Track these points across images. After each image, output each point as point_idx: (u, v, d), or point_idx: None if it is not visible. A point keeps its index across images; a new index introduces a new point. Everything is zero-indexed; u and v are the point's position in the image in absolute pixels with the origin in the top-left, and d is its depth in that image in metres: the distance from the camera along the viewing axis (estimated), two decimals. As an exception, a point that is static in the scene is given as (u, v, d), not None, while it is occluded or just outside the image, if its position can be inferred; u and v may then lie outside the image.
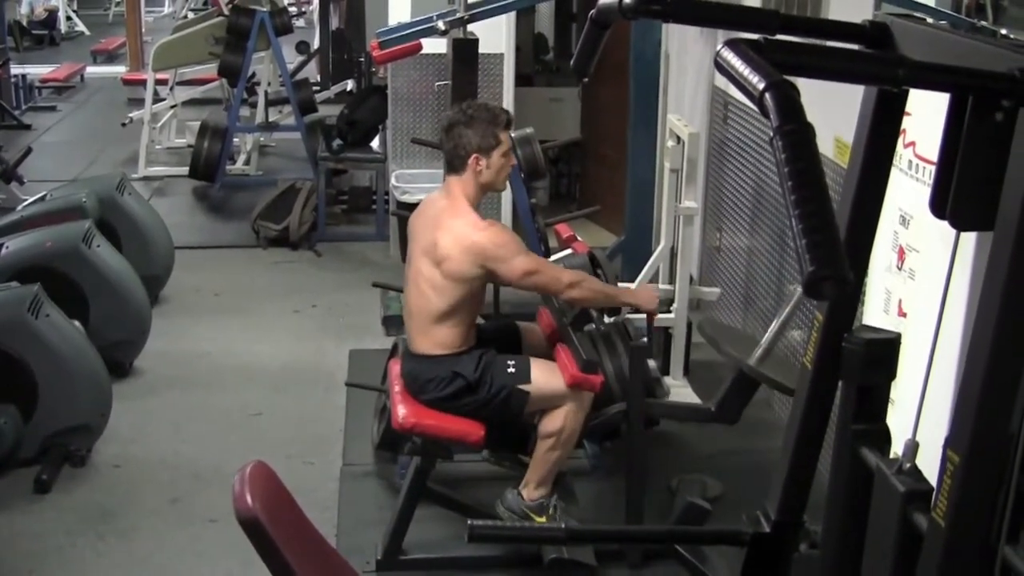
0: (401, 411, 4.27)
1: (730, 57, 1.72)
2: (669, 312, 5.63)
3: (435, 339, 4.28)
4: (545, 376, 4.24)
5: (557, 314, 4.57)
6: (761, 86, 1.65)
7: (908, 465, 2.32)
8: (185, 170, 9.56)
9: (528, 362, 4.29)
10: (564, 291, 4.25)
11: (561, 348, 4.37)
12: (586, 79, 8.75)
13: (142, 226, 6.88)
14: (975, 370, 1.98)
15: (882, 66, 1.87)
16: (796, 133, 1.63)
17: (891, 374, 2.47)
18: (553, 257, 5.24)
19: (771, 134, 1.63)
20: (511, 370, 4.25)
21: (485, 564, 4.42)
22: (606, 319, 4.68)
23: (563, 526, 3.53)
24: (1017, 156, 1.89)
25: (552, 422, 4.24)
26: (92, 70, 15.88)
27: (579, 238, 5.52)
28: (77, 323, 5.34)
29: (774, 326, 4.39)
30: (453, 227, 4.19)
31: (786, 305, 4.32)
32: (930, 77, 1.93)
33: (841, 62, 1.86)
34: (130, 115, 10.92)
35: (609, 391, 4.41)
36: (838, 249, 1.58)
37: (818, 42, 2.00)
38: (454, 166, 4.25)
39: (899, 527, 2.26)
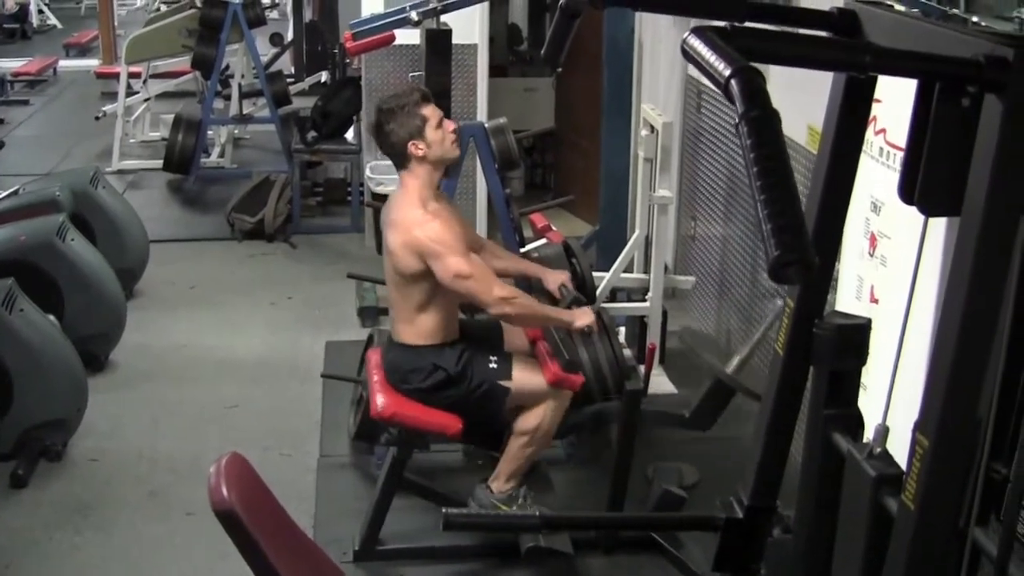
0: (380, 400, 4.27)
1: (697, 44, 1.73)
2: (644, 301, 5.65)
3: (416, 329, 4.27)
4: (526, 373, 4.26)
5: None
6: (727, 73, 1.66)
7: (878, 450, 2.34)
8: (159, 163, 9.51)
9: (510, 358, 4.30)
10: (494, 305, 4.13)
11: (543, 346, 4.38)
12: (559, 69, 8.74)
13: (116, 220, 6.86)
14: (943, 355, 2.00)
15: (848, 52, 1.88)
16: (761, 119, 1.64)
17: (862, 359, 2.49)
18: (528, 247, 5.24)
19: (736, 120, 1.64)
20: (493, 366, 4.25)
21: (463, 554, 4.43)
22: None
23: (537, 513, 3.54)
24: (982, 142, 1.91)
25: (529, 419, 4.26)
26: (65, 64, 15.77)
27: (554, 228, 5.54)
28: (52, 317, 5.32)
29: (753, 337, 4.43)
30: (399, 222, 4.19)
31: (767, 317, 4.36)
32: (896, 64, 1.94)
33: (807, 49, 1.88)
34: (103, 108, 10.86)
35: (586, 381, 4.43)
36: (803, 233, 1.59)
37: (786, 29, 2.01)
38: (399, 163, 4.25)
39: (870, 511, 2.28)
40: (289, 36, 13.21)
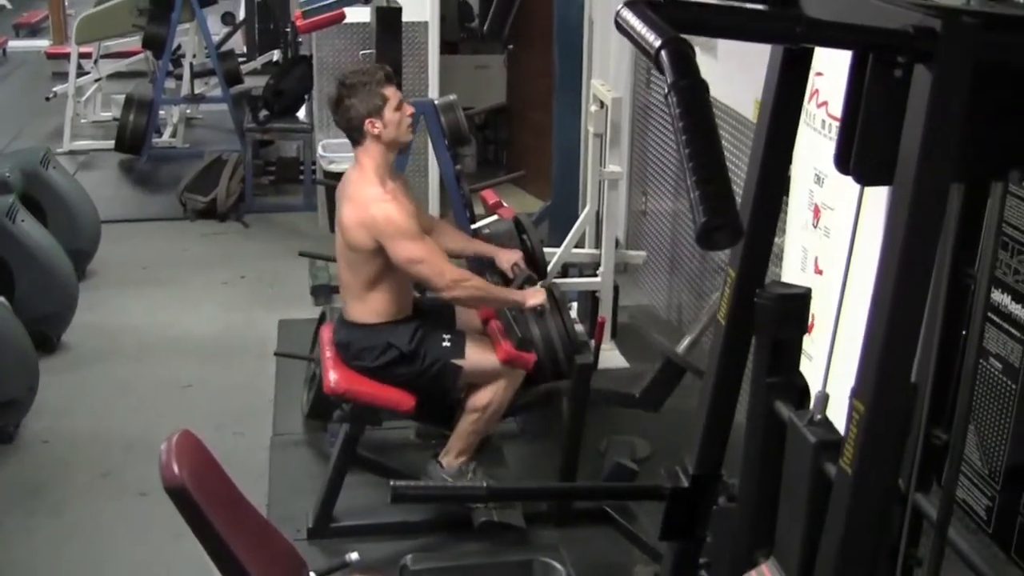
0: (333, 376, 4.28)
1: (629, 17, 1.74)
2: (596, 276, 5.68)
3: (368, 307, 4.29)
4: (479, 352, 4.28)
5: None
6: (657, 43, 1.68)
7: (819, 416, 2.36)
8: (111, 143, 9.44)
9: (463, 336, 4.32)
10: (446, 288, 4.18)
11: (495, 324, 4.41)
12: (510, 45, 8.72)
13: (67, 200, 6.84)
14: (877, 321, 2.03)
15: (779, 23, 1.90)
16: (690, 89, 1.65)
17: (803, 328, 2.52)
18: (479, 223, 5.25)
19: (665, 90, 1.66)
20: (446, 344, 4.28)
21: (416, 529, 4.46)
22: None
23: (485, 484, 3.56)
24: (913, 111, 1.93)
25: (481, 397, 4.29)
26: (14, 44, 15.58)
27: (505, 204, 5.55)
28: (2, 298, 5.29)
29: (703, 318, 4.47)
30: (356, 198, 4.21)
31: (716, 298, 4.38)
32: (828, 34, 1.96)
33: (739, 20, 1.89)
34: (54, 89, 10.74)
35: (536, 354, 4.45)
36: (730, 199, 1.61)
37: (722, 1, 2.03)
38: (354, 138, 4.26)
39: (811, 477, 2.31)
40: (241, 15, 13.08)
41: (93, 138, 10.34)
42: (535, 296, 4.33)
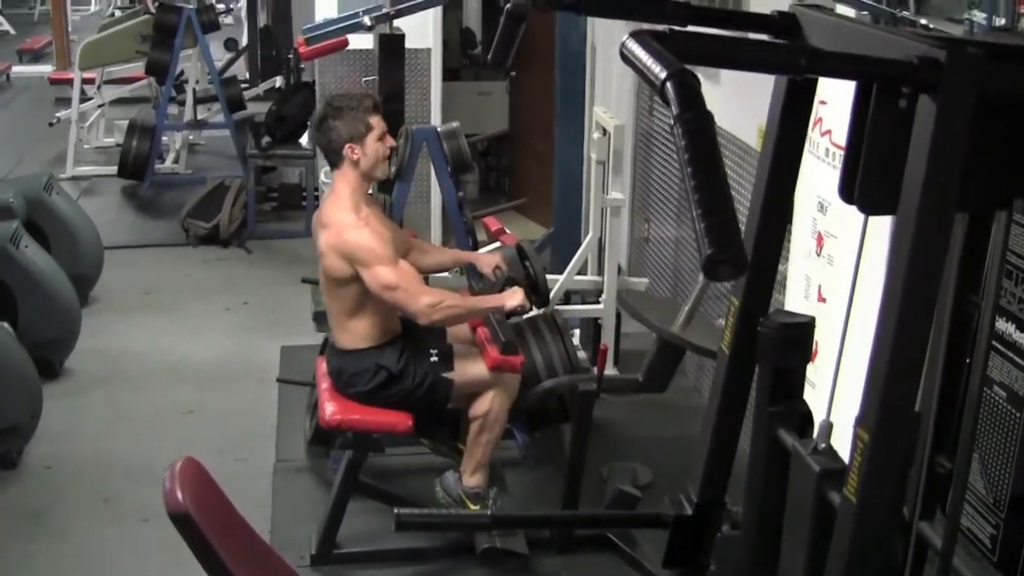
0: (328, 408, 4.30)
1: (634, 47, 1.75)
2: (598, 303, 5.68)
3: (354, 334, 4.30)
4: (467, 363, 4.29)
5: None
6: (662, 75, 1.69)
7: (823, 445, 2.37)
8: (114, 169, 9.46)
9: (451, 349, 4.34)
10: (422, 315, 4.14)
11: (482, 332, 4.41)
12: (512, 73, 8.75)
13: (70, 226, 6.84)
14: (881, 350, 2.04)
15: (784, 55, 1.91)
16: (695, 120, 1.67)
17: (806, 356, 2.52)
18: (482, 250, 5.26)
19: (671, 122, 1.67)
20: (433, 359, 4.29)
21: (419, 556, 4.45)
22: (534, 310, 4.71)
23: (488, 512, 3.56)
24: (917, 141, 1.95)
25: (479, 405, 4.31)
26: (18, 69, 15.64)
27: (507, 230, 5.56)
28: (5, 324, 5.28)
29: (694, 292, 4.44)
30: (330, 224, 4.23)
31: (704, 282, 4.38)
32: (832, 65, 1.98)
33: (744, 51, 1.91)
34: (57, 114, 10.78)
35: (538, 381, 4.46)
36: (734, 232, 1.62)
37: (727, 33, 2.05)
38: (332, 161, 4.28)
39: (815, 506, 2.31)
40: (243, 41, 13.14)
41: (96, 164, 10.35)
42: (513, 297, 4.31)
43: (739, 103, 4.56)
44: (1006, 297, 2.99)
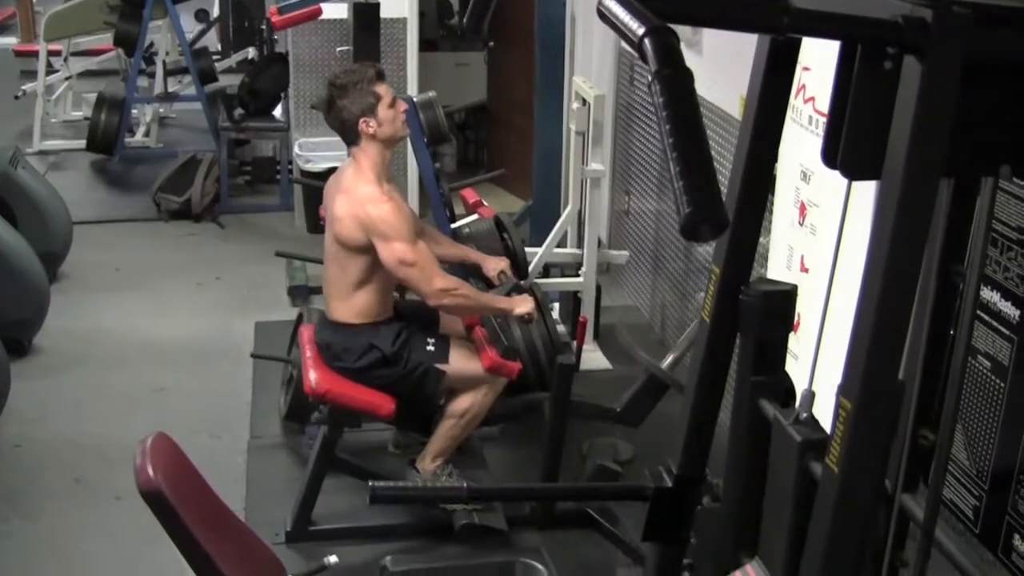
0: (313, 376, 4.23)
1: (612, 5, 1.70)
2: (578, 276, 5.64)
3: (352, 306, 4.24)
4: (463, 358, 4.25)
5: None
6: (640, 32, 1.63)
7: (805, 415, 2.33)
8: (82, 143, 9.35)
9: (448, 341, 4.28)
10: (433, 296, 4.12)
11: (480, 331, 4.36)
12: (490, 43, 8.67)
13: (38, 201, 6.75)
14: (864, 317, 1.99)
15: (765, 13, 1.85)
16: (674, 78, 1.61)
17: (788, 326, 2.48)
18: (459, 222, 5.21)
19: (649, 79, 1.62)
20: (430, 348, 4.23)
21: (395, 532, 4.42)
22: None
23: (465, 485, 3.53)
24: (902, 104, 1.89)
25: (461, 403, 4.27)
26: (-18, 42, 15.47)
27: (485, 203, 5.51)
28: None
29: (687, 333, 4.44)
30: (351, 192, 4.16)
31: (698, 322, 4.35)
32: (815, 24, 1.92)
33: (724, 9, 1.84)
34: (23, 87, 10.60)
35: (518, 357, 4.41)
36: (715, 190, 1.57)
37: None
38: (349, 139, 4.22)
39: (796, 476, 2.27)
40: (215, 12, 13.00)
41: (64, 138, 10.23)
42: (523, 304, 4.29)
43: (721, 73, 4.51)
44: (991, 266, 2.95)
